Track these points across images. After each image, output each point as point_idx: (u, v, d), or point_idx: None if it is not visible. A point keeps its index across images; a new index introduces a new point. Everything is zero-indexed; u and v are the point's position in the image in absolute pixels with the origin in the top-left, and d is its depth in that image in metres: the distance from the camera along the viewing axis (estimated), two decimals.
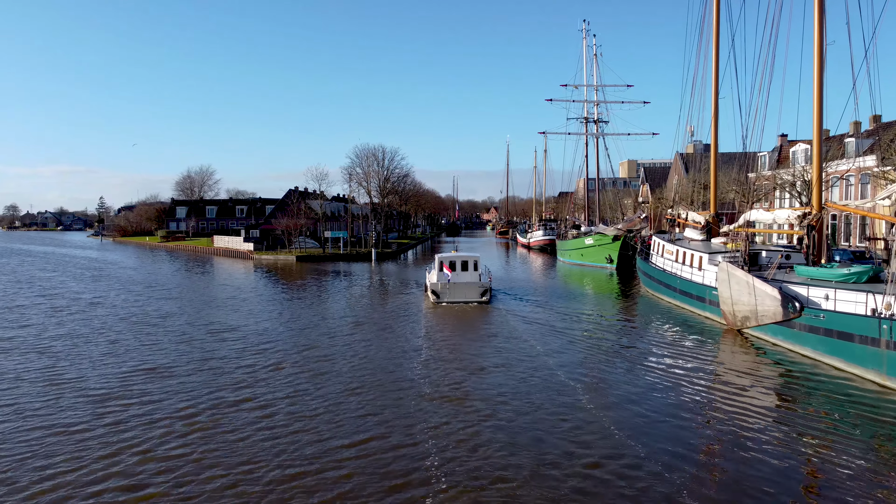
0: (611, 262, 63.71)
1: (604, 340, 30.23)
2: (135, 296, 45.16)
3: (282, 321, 34.46)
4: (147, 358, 25.56)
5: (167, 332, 30.90)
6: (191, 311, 37.96)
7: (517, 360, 25.44)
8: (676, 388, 21.71)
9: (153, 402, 19.89)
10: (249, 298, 43.76)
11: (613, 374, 23.69)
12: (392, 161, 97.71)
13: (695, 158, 62.81)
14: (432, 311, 37.84)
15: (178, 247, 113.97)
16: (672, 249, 40.70)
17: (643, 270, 45.99)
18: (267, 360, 25.35)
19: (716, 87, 40.47)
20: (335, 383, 21.99)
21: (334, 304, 41.37)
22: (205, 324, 33.25)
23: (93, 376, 22.79)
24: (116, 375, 22.86)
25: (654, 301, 41.40)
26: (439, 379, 22.50)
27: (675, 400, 20.38)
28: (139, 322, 33.88)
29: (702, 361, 25.51)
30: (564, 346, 28.55)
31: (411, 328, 32.57)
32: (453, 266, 40.61)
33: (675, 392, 21.23)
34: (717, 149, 41.75)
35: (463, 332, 31.14)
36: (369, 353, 26.92)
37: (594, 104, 74.19)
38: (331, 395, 20.49)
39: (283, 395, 20.61)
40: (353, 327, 32.92)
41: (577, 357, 26.46)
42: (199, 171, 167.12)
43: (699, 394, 21.12)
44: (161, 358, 25.56)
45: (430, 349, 27.49)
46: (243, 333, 30.62)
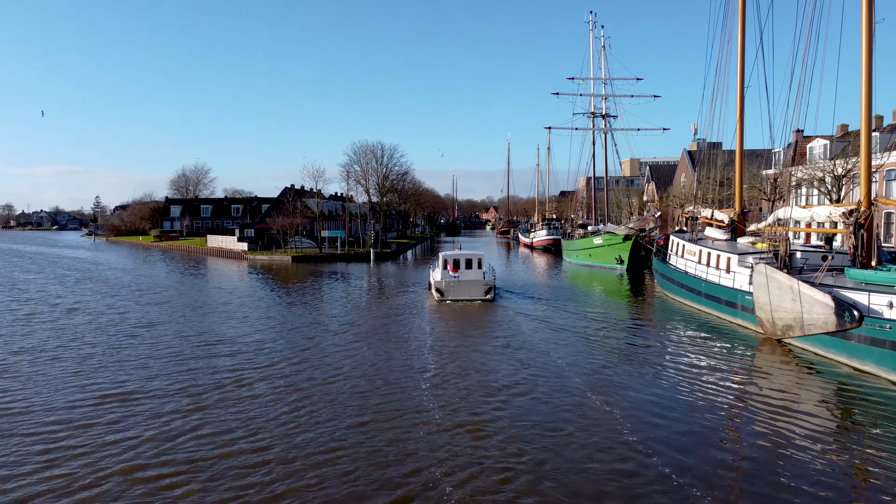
0: (621, 262, 60.91)
1: (623, 347, 27.80)
2: (119, 300, 42.08)
3: (277, 332, 31.22)
4: (120, 380, 22.06)
5: (149, 346, 27.39)
6: (178, 319, 34.75)
7: (537, 374, 22.57)
8: (714, 404, 19.28)
9: (119, 441, 16.47)
10: (242, 304, 40.63)
11: (640, 385, 21.36)
12: (391, 159, 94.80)
13: (707, 155, 59.69)
14: (437, 310, 37.17)
15: (171, 246, 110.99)
16: (694, 250, 37.83)
17: (660, 272, 43.09)
18: (261, 385, 22.32)
19: (741, 76, 37.57)
20: (341, 414, 18.95)
21: (334, 310, 38.33)
22: (193, 334, 30.00)
23: (52, 403, 19.61)
24: (77, 405, 19.26)
25: (673, 305, 38.55)
26: (455, 403, 19.59)
27: (714, 418, 18.08)
28: (118, 333, 30.43)
29: (741, 375, 22.82)
30: (581, 353, 26.19)
31: (418, 340, 29.62)
32: (457, 264, 40.64)
33: (713, 409, 18.89)
34: (743, 142, 38.83)
35: (473, 341, 28.21)
36: (375, 372, 23.96)
37: (602, 98, 71.26)
38: (339, 432, 17.17)
39: (280, 431, 17.47)
40: (355, 337, 29.92)
41: (595, 365, 24.24)
42: (194, 170, 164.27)
43: (742, 413, 18.70)
44: (136, 380, 22.01)
45: (440, 363, 24.57)
46: (235, 347, 27.25)
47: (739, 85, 37.72)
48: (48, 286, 51.21)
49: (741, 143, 38.66)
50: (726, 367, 23.88)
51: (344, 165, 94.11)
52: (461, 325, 32.67)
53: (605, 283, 54.09)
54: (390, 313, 37.04)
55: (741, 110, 37.90)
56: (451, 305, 38.63)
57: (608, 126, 71.00)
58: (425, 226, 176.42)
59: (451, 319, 34.23)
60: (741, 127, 38.08)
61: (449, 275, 40.05)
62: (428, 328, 31.84)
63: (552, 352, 26.13)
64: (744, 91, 37.69)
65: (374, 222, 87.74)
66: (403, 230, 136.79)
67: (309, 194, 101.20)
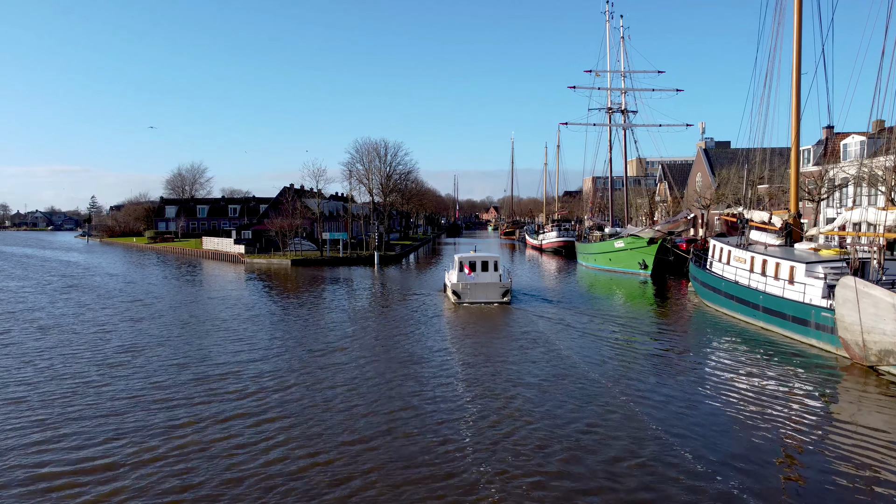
0: (645, 267, 56.88)
1: (670, 366, 24.53)
2: (103, 315, 37.45)
3: (280, 353, 27.04)
4: (79, 443, 16.60)
5: (126, 385, 21.95)
6: (166, 338, 30.22)
7: (577, 397, 18.61)
8: (799, 444, 16.10)
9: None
10: (239, 317, 36.29)
11: (698, 417, 18.37)
12: (395, 157, 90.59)
13: (743, 154, 55.35)
14: (456, 317, 36.23)
15: (165, 248, 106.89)
16: (744, 256, 33.75)
17: (701, 280, 38.98)
18: (261, 428, 18.23)
19: (798, 61, 33.47)
20: (361, 457, 14.99)
21: (344, 325, 34.08)
22: (180, 360, 25.43)
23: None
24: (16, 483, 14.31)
25: (718, 317, 34.48)
26: (498, 450, 15.55)
27: (803, 464, 15.03)
28: (93, 361, 25.18)
29: (825, 409, 19.30)
30: (622, 372, 23.11)
31: (444, 363, 25.50)
32: (473, 266, 40.58)
33: (796, 450, 15.89)
34: (799, 136, 34.71)
35: (504, 360, 24.10)
36: (421, 425, 19.84)
37: (621, 92, 67.12)
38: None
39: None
40: (369, 360, 25.83)
41: (645, 386, 21.36)
42: (191, 169, 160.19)
43: (836, 459, 15.36)
44: (102, 435, 16.92)
45: (479, 399, 20.46)
46: (230, 378, 22.92)
47: (796, 74, 33.64)
48: (29, 296, 46.88)
49: (797, 138, 34.58)
50: (805, 399, 20.22)
51: (346, 164, 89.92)
52: (486, 339, 28.62)
53: (629, 290, 50.31)
54: (408, 325, 33.75)
55: (797, 100, 33.82)
56: (470, 311, 37.61)
57: (628, 122, 66.85)
58: (426, 226, 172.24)
59: (473, 333, 30.29)
60: (797, 119, 34.01)
61: (465, 277, 39.99)
62: (455, 350, 27.71)
63: (595, 374, 22.07)
64: (800, 81, 33.62)
65: (378, 224, 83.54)
66: (405, 231, 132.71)
67: (309, 194, 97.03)
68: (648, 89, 64.73)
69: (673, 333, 32.07)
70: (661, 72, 65.19)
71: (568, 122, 67.38)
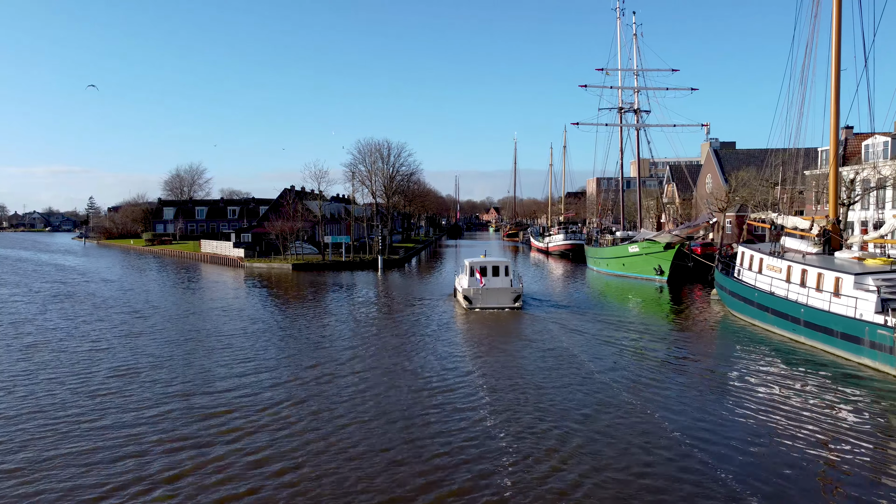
0: (661, 273, 54.75)
1: (707, 380, 23.31)
2: (95, 329, 34.89)
3: (290, 376, 24.73)
4: (65, 485, 14.91)
5: (119, 411, 19.90)
6: (165, 358, 27.40)
7: (627, 435, 16.42)
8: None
9: None
10: (244, 332, 33.67)
11: (748, 439, 16.59)
12: (398, 158, 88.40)
13: (770, 156, 53.00)
14: (469, 324, 35.78)
15: (163, 251, 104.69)
16: (779, 265, 31.61)
17: (729, 289, 36.83)
18: (278, 481, 16.05)
19: (836, 57, 31.32)
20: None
21: (353, 341, 31.88)
22: (180, 387, 22.91)
23: None
24: None
25: (750, 330, 32.36)
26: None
27: None
28: (81, 386, 22.81)
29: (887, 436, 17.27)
30: (654, 387, 21.48)
31: (464, 388, 23.31)
32: (484, 271, 40.40)
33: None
34: (838, 133, 32.52)
35: (532, 373, 21.96)
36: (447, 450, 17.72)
37: (634, 91, 64.94)
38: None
39: None
40: (389, 387, 23.66)
41: (686, 410, 19.43)
42: (189, 170, 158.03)
43: None
44: (87, 491, 14.57)
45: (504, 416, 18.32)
46: (238, 412, 20.58)
47: (835, 70, 31.50)
48: (18, 305, 44.61)
49: (835, 137, 32.39)
50: (866, 429, 17.95)
51: (348, 165, 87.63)
52: (507, 358, 26.43)
53: (646, 297, 48.40)
54: (422, 338, 31.76)
55: (836, 97, 31.67)
56: (482, 318, 37.25)
57: (641, 121, 64.68)
58: (428, 228, 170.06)
59: (491, 347, 28.10)
60: (836, 118, 31.84)
61: (477, 282, 39.77)
62: (475, 366, 25.53)
63: (636, 400, 19.94)
64: (839, 78, 31.51)
65: (381, 227, 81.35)
66: (407, 233, 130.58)
67: (310, 196, 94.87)
68: (662, 88, 62.70)
69: (704, 347, 30.01)
70: (676, 70, 62.98)
71: (579, 123, 65.15)
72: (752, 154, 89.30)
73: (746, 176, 60.58)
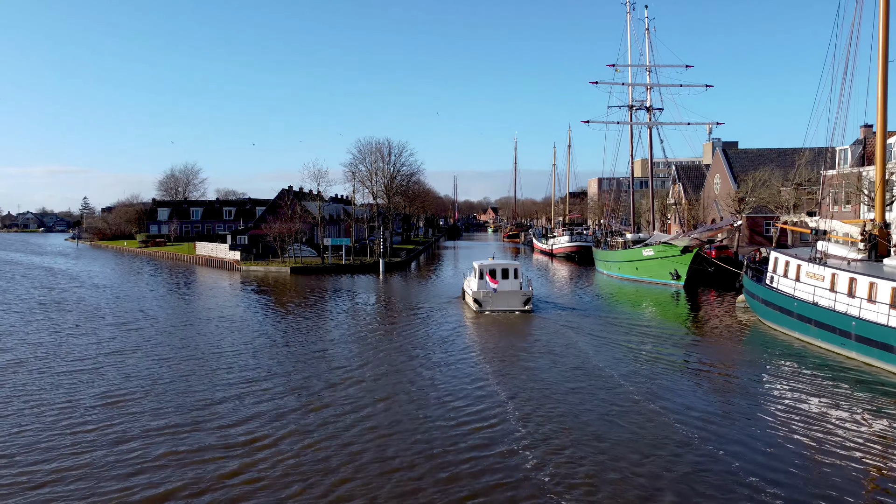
0: (677, 278, 52.46)
1: (753, 404, 20.71)
2: (84, 343, 32.26)
3: (298, 403, 22.24)
4: None
5: (105, 449, 17.40)
6: (159, 381, 24.39)
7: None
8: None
9: None
10: (246, 347, 30.88)
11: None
12: (399, 157, 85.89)
13: (804, 155, 50.40)
14: (480, 327, 35.74)
15: (157, 253, 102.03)
16: (822, 273, 29.27)
17: (762, 298, 34.49)
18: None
19: (885, 43, 28.99)
20: None
21: (365, 353, 29.59)
22: (178, 420, 20.11)
23: None
24: None
25: (787, 342, 30.10)
26: None
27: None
28: (62, 416, 19.95)
29: None
30: (712, 426, 18.40)
31: (485, 406, 20.91)
32: (494, 274, 40.30)
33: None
34: (885, 129, 30.25)
35: (549, 388, 19.64)
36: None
37: (646, 88, 62.56)
38: None
39: None
40: (407, 402, 21.28)
41: (747, 440, 16.61)
42: (184, 170, 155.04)
43: None
44: None
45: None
46: (241, 449, 18.48)
47: (882, 60, 29.18)
48: (2, 315, 41.96)
49: (883, 134, 30.10)
50: None
51: (347, 165, 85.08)
52: (532, 371, 24.07)
53: (662, 302, 46.43)
54: (436, 346, 29.70)
55: (884, 90, 29.34)
56: (494, 321, 37.16)
57: (653, 119, 62.30)
58: (427, 228, 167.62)
59: (507, 353, 25.72)
60: (884, 113, 29.52)
61: (487, 285, 39.75)
62: (495, 381, 23.13)
63: (670, 418, 17.58)
64: (886, 69, 29.18)
65: (382, 229, 78.89)
66: (406, 234, 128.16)
67: (309, 196, 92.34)
68: (676, 85, 60.23)
69: (741, 360, 27.68)
70: (690, 66, 60.56)
71: (590, 121, 62.65)
72: (761, 154, 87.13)
73: (763, 176, 58.26)
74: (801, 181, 49.24)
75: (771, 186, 56.28)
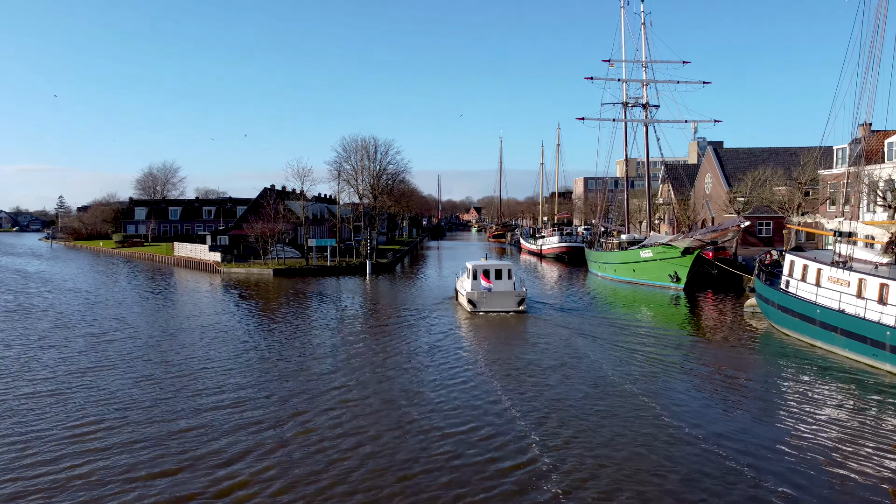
0: (677, 280, 50.75)
1: (785, 423, 18.47)
2: (49, 357, 29.43)
3: (295, 424, 20.15)
4: None
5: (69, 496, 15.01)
6: (134, 406, 21.65)
7: None
8: None
9: None
10: (235, 362, 28.20)
11: None
12: (385, 156, 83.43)
13: (816, 153, 48.76)
14: (475, 329, 35.43)
15: (134, 254, 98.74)
16: (847, 278, 27.49)
17: (778, 303, 32.70)
18: None
19: None
20: None
21: (363, 360, 27.45)
22: (158, 451, 17.92)
23: None
24: None
25: (809, 352, 28.37)
26: None
27: None
28: (15, 459, 16.83)
29: None
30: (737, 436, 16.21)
31: (493, 417, 18.80)
32: (487, 274, 40.10)
33: None
34: None
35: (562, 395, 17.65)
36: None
37: (642, 84, 60.78)
38: None
39: None
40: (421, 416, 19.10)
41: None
42: (162, 168, 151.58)
43: None
44: None
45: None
46: (225, 469, 16.36)
47: None
48: None
49: None
50: None
51: (332, 163, 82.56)
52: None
53: (662, 306, 45.10)
54: (434, 350, 27.49)
55: None
56: (490, 322, 36.93)
57: (650, 117, 60.52)
58: (411, 228, 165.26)
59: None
60: None
61: (481, 286, 39.60)
62: (507, 396, 21.01)
63: (692, 432, 15.61)
64: None
65: (369, 229, 76.51)
66: (391, 233, 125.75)
67: (292, 196, 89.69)
68: (672, 81, 58.55)
69: (762, 371, 25.79)
70: (687, 62, 58.92)
71: (585, 118, 60.80)
72: (752, 153, 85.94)
73: (763, 175, 56.64)
74: (806, 180, 47.62)
75: (774, 185, 54.60)
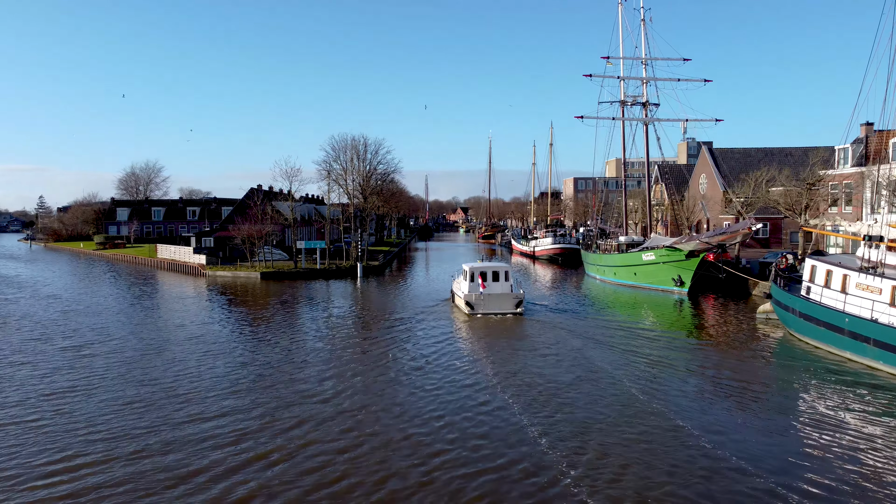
0: (681, 284, 49.15)
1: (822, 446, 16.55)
2: (20, 376, 27.00)
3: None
4: None
5: None
6: (119, 436, 19.25)
7: None
8: None
9: None
10: (225, 379, 26.03)
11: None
12: (375, 155, 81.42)
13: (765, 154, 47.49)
14: (474, 332, 35.37)
15: (115, 256, 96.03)
16: (878, 286, 25.86)
17: (799, 311, 31.01)
18: None
19: None
20: None
21: (363, 368, 25.43)
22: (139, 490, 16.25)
23: None
24: None
25: (837, 363, 26.78)
26: None
27: None
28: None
29: None
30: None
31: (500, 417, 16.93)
32: (484, 276, 40.13)
33: None
34: None
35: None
36: None
37: (642, 82, 59.20)
38: None
39: None
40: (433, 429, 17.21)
41: None
42: (145, 168, 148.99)
43: None
44: None
45: None
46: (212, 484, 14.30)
47: None
48: None
49: None
50: None
51: (320, 163, 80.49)
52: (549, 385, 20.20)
53: (666, 310, 43.55)
54: (435, 359, 26.17)
55: None
56: (488, 325, 37.00)
57: (649, 115, 58.92)
58: (399, 229, 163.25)
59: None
60: None
61: (478, 287, 39.56)
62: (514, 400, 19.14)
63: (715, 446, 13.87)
64: None
65: (360, 231, 74.42)
66: (380, 235, 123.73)
67: (280, 196, 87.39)
68: (673, 79, 56.95)
69: (793, 385, 24.07)
70: (687, 59, 57.36)
71: (584, 116, 59.12)
72: (748, 154, 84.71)
73: (766, 175, 55.16)
74: (814, 181, 46.19)
75: (779, 185, 53.09)
